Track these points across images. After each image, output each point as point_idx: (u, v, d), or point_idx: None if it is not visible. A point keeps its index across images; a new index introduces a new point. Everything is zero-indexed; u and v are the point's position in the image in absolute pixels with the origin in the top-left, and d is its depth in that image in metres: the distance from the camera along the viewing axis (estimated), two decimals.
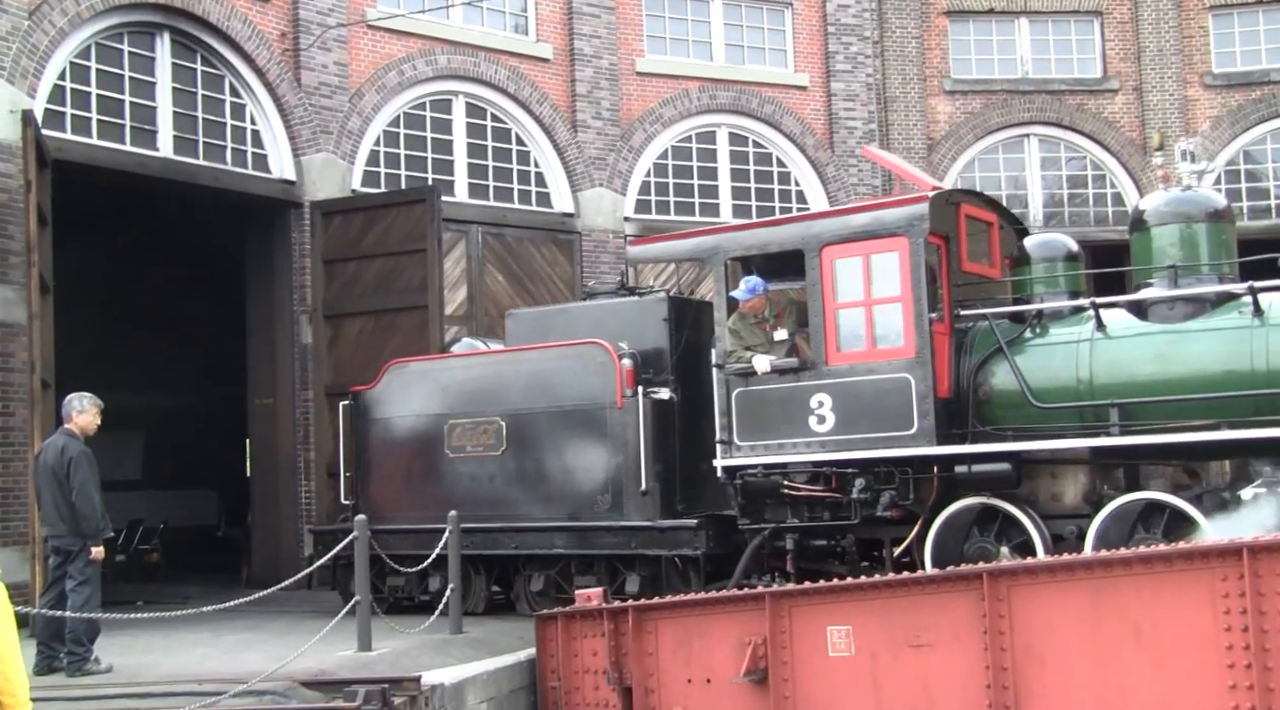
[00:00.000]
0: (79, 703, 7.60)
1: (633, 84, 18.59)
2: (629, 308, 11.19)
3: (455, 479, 11.45)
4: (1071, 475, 9.48)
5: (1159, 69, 20.72)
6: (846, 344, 9.73)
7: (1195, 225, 9.17)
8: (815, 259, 9.80)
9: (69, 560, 8.83)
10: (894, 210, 9.65)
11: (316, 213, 15.13)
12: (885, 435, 9.44)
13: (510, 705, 9.15)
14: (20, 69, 12.45)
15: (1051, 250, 9.92)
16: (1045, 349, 9.41)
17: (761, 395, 9.96)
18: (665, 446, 10.65)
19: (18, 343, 11.90)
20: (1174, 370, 8.88)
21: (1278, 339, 8.59)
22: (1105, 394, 9.00)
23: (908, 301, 9.46)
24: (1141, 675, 6.97)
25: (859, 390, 9.59)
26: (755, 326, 10.22)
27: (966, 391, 9.54)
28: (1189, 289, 9.04)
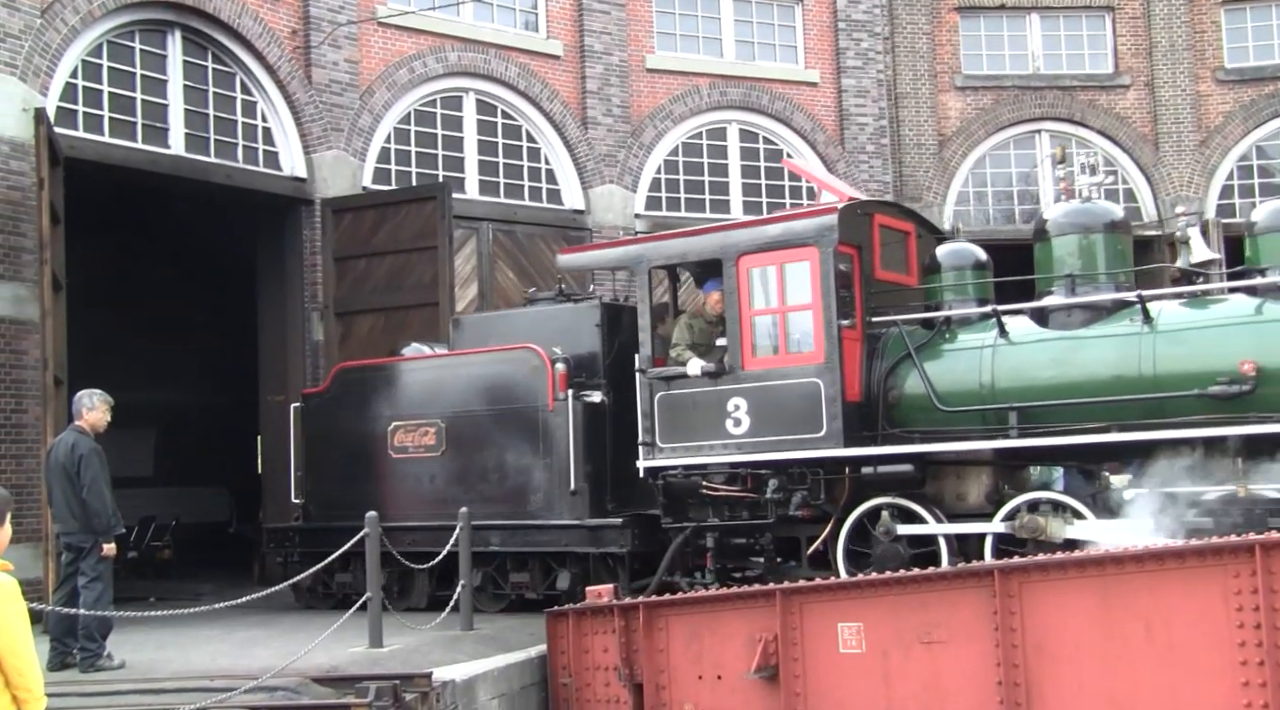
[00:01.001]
0: (92, 699, 7.62)
1: (643, 81, 18.58)
2: (565, 313, 11.50)
3: (398, 479, 11.81)
4: (975, 476, 9.74)
5: (1171, 64, 20.65)
6: (761, 350, 10.09)
7: (1093, 236, 9.48)
8: (732, 268, 10.14)
9: (81, 557, 8.86)
10: (805, 221, 10.02)
11: (327, 210, 15.15)
12: (796, 438, 9.78)
13: (521, 701, 9.17)
14: (33, 67, 12.48)
15: (961, 259, 10.19)
16: (951, 354, 9.71)
17: (682, 399, 10.30)
18: (596, 448, 10.93)
19: (30, 340, 11.94)
20: (1069, 375, 9.17)
21: (1164, 345, 8.86)
22: (1005, 398, 9.30)
23: (818, 309, 9.80)
24: (1153, 672, 6.95)
25: (772, 394, 9.92)
26: (708, 327, 10.51)
27: (877, 395, 9.84)
28: (1084, 297, 9.32)
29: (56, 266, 11.77)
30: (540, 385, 11.03)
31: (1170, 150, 20.55)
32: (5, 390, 11.85)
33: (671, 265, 10.91)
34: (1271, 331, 8.61)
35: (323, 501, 12.41)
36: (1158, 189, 20.51)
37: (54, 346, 11.58)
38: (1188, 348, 8.84)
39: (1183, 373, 8.74)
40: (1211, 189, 20.54)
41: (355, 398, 12.20)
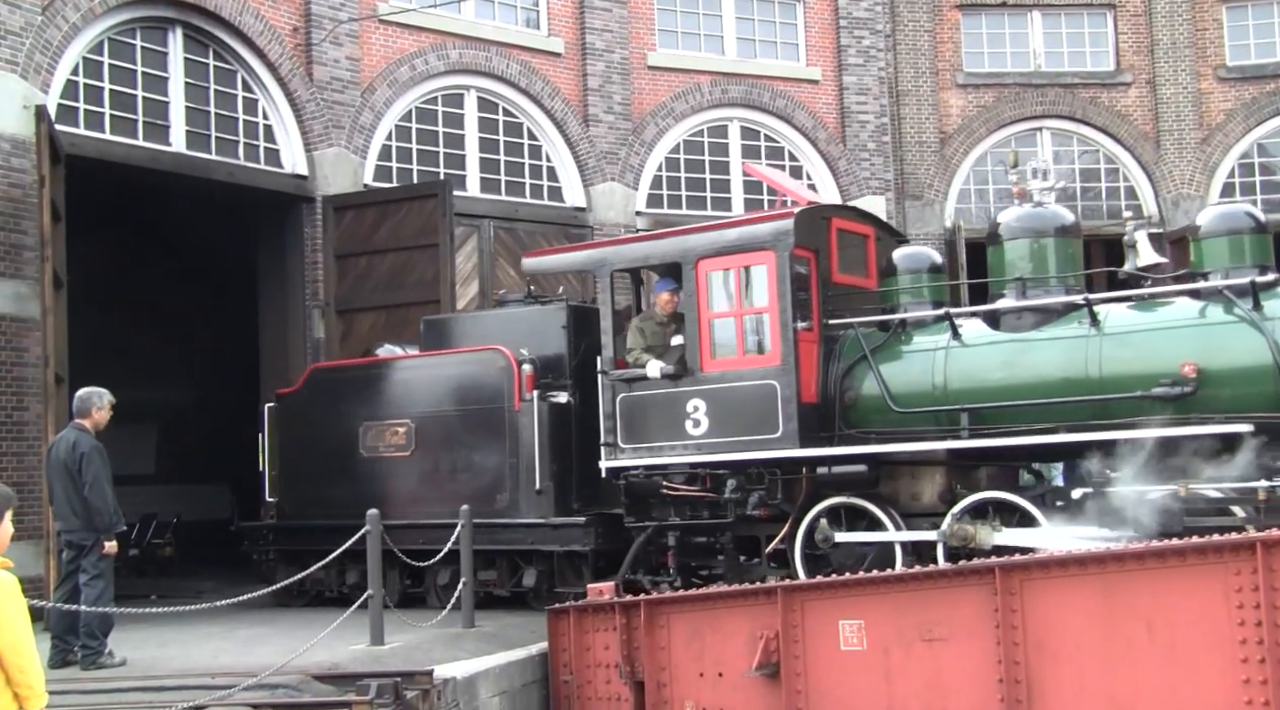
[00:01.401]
0: (93, 696, 7.63)
1: (644, 78, 18.57)
2: (533, 315, 11.64)
3: (369, 478, 11.93)
4: (929, 475, 9.86)
5: (1172, 62, 20.64)
6: (720, 352, 10.23)
7: (1044, 240, 9.67)
8: (692, 271, 10.28)
9: (82, 555, 8.86)
10: (762, 225, 10.14)
11: (329, 207, 15.15)
12: (753, 438, 9.91)
13: (522, 699, 9.17)
14: (34, 64, 12.48)
15: (916, 262, 10.35)
16: (906, 356, 9.87)
17: (643, 400, 10.43)
18: (562, 448, 11.07)
19: (31, 337, 11.94)
20: (1019, 377, 9.33)
21: (1110, 348, 9.02)
22: (958, 399, 9.45)
23: (775, 312, 9.93)
24: (1154, 669, 6.95)
25: (730, 396, 10.06)
26: (659, 328, 10.65)
27: (834, 396, 10.00)
28: (1034, 300, 9.48)
29: (57, 264, 11.77)
30: (507, 386, 11.17)
31: (1171, 148, 20.54)
32: (6, 388, 11.86)
33: (633, 268, 11.07)
34: (1212, 334, 8.79)
35: (296, 500, 12.59)
36: (1159, 187, 20.49)
37: (55, 344, 11.58)
38: (1133, 350, 9.00)
39: (1127, 374, 8.90)
40: (1213, 187, 20.52)
41: (328, 398, 12.34)
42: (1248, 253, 9.00)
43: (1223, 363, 8.66)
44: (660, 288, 10.76)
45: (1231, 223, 9.13)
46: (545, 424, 10.98)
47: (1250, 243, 9.05)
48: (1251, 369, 8.59)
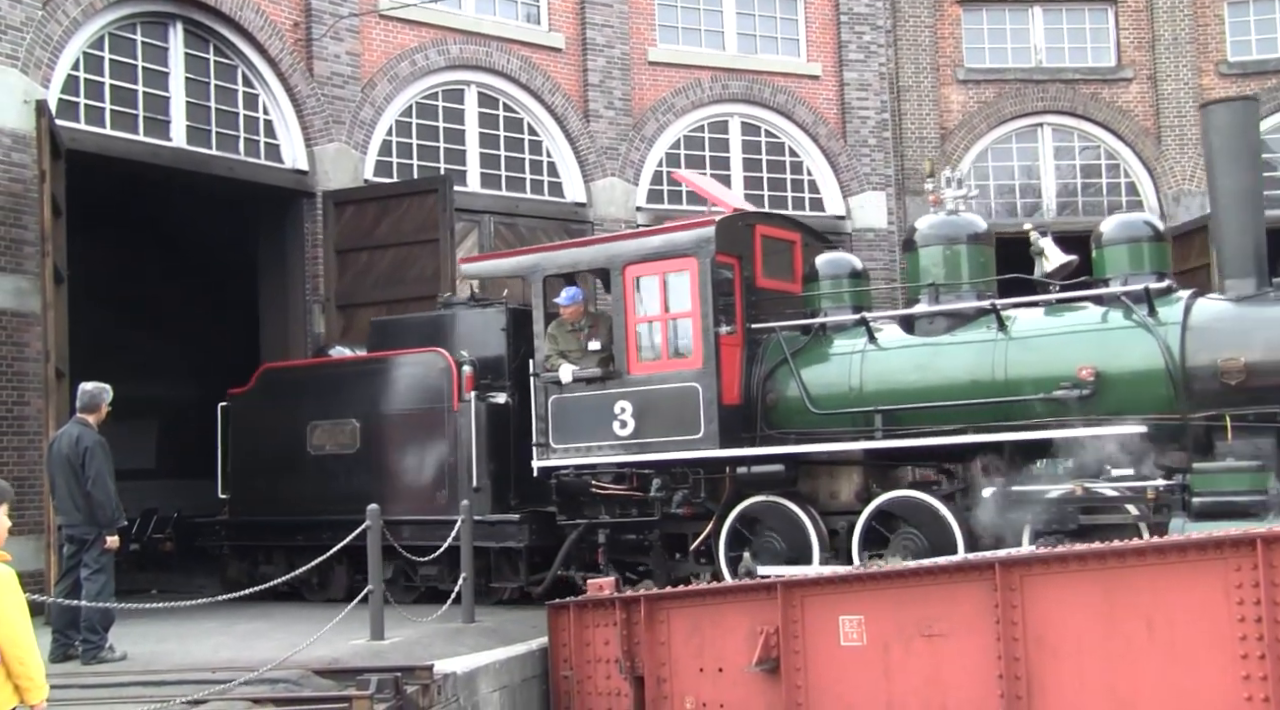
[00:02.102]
0: (94, 690, 7.63)
1: (645, 74, 18.56)
2: (475, 318, 11.89)
3: (316, 475, 12.23)
4: (846, 475, 10.21)
5: (1173, 58, 20.61)
6: (645, 355, 10.58)
7: (957, 246, 10.02)
8: (619, 277, 10.65)
9: (84, 549, 8.87)
10: (685, 233, 10.50)
11: (329, 203, 15.15)
12: (676, 439, 10.25)
13: (522, 694, 9.18)
14: (34, 59, 12.48)
15: (838, 268, 10.71)
16: (825, 359, 10.23)
17: (573, 402, 10.78)
18: (500, 447, 11.33)
19: (32, 332, 11.95)
20: (930, 379, 9.68)
21: (1016, 351, 9.38)
22: (872, 401, 9.82)
23: (697, 316, 10.29)
24: (1154, 665, 6.96)
25: (655, 398, 10.41)
26: (571, 335, 10.97)
27: (756, 398, 10.35)
28: (946, 305, 9.85)
29: (58, 259, 11.77)
30: (447, 387, 11.44)
31: (1173, 144, 20.52)
32: (7, 383, 11.86)
33: (564, 274, 11.28)
34: (1110, 339, 9.12)
35: (247, 496, 12.91)
36: (1160, 183, 20.48)
37: (56, 339, 11.58)
38: (1036, 354, 9.33)
39: (1031, 377, 9.23)
40: None
41: (278, 397, 12.71)
42: (1146, 260, 9.37)
43: (1119, 366, 8.99)
44: (567, 301, 11.02)
45: (1131, 231, 9.51)
46: (483, 424, 11.24)
47: (1149, 250, 9.42)
48: (1146, 372, 8.93)
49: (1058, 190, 20.78)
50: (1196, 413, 8.79)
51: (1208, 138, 9.43)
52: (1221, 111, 9.30)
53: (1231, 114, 9.23)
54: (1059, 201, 20.74)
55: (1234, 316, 8.96)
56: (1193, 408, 8.80)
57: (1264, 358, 8.67)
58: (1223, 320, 8.96)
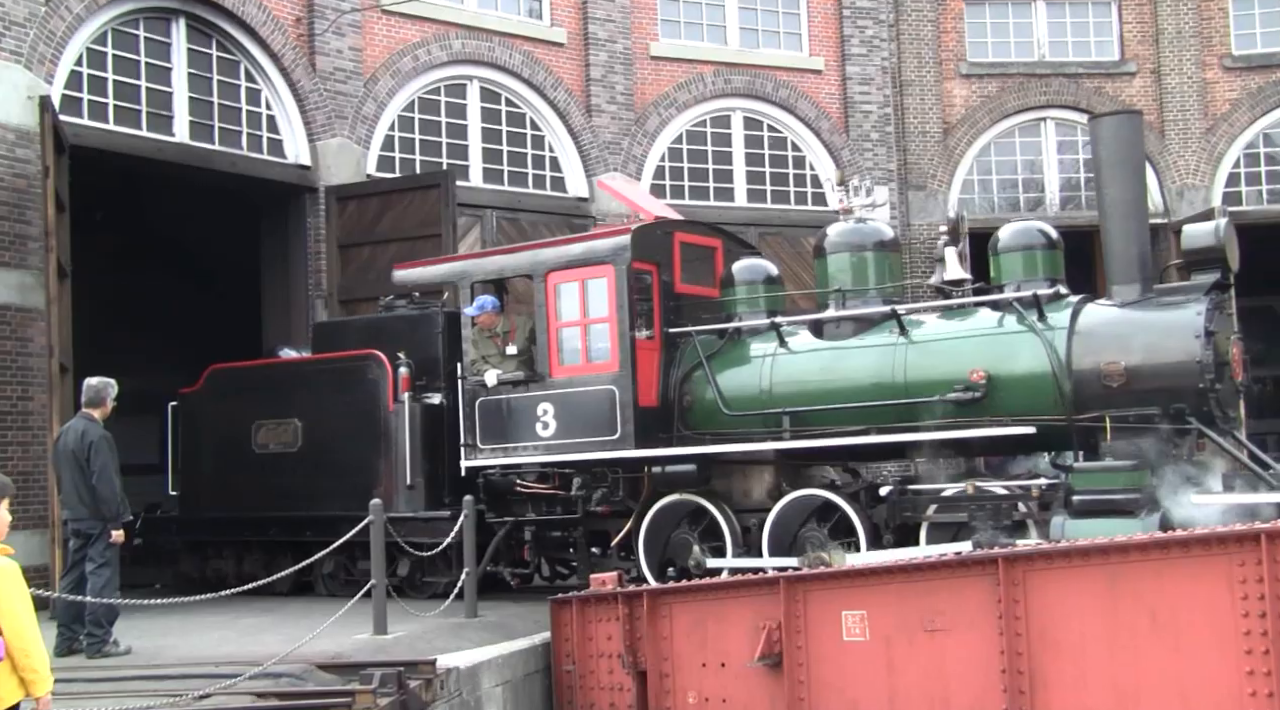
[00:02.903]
0: (98, 684, 7.65)
1: (647, 68, 18.55)
2: (413, 320, 12.15)
3: (261, 473, 12.50)
4: (758, 474, 10.54)
5: (1177, 51, 20.57)
6: (567, 359, 10.93)
7: (864, 253, 10.39)
8: (541, 283, 11.01)
9: (89, 543, 8.90)
10: (603, 241, 10.91)
11: (332, 197, 15.15)
12: (594, 439, 10.63)
13: (525, 689, 9.19)
14: (37, 55, 12.48)
15: (752, 273, 11.01)
16: (738, 363, 10.56)
17: (498, 404, 11.16)
18: (434, 446, 11.59)
19: (36, 327, 11.97)
20: (835, 382, 10.07)
21: (915, 355, 9.75)
22: (781, 403, 10.17)
23: (614, 322, 10.64)
24: (1157, 660, 6.96)
25: (575, 400, 10.79)
26: (489, 340, 11.34)
27: (674, 400, 10.73)
28: (852, 310, 10.25)
29: (62, 254, 11.79)
30: (383, 388, 11.73)
31: (1176, 138, 20.48)
32: (11, 378, 11.89)
33: (490, 280, 11.62)
34: (1002, 343, 9.50)
35: (196, 493, 13.20)
36: (1163, 177, 20.44)
37: (59, 334, 11.60)
38: (933, 358, 9.69)
39: (928, 380, 9.59)
40: (1218, 177, 20.48)
41: (225, 397, 12.97)
42: (1040, 267, 9.72)
43: (1009, 369, 9.36)
44: (475, 310, 11.35)
45: (1025, 239, 9.85)
46: (418, 424, 11.53)
47: (1042, 257, 9.77)
48: (1033, 375, 9.28)
49: (1060, 185, 20.75)
50: (1081, 414, 9.09)
51: (1096, 149, 9.75)
52: (1109, 124, 9.66)
53: (1118, 127, 9.58)
54: (1062, 196, 20.71)
55: (1117, 321, 9.29)
56: (1078, 409, 9.12)
57: (1143, 361, 9.01)
58: (1107, 325, 9.29)
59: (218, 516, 12.81)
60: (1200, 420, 8.88)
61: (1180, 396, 8.88)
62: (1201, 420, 8.88)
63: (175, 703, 6.86)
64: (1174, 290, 9.34)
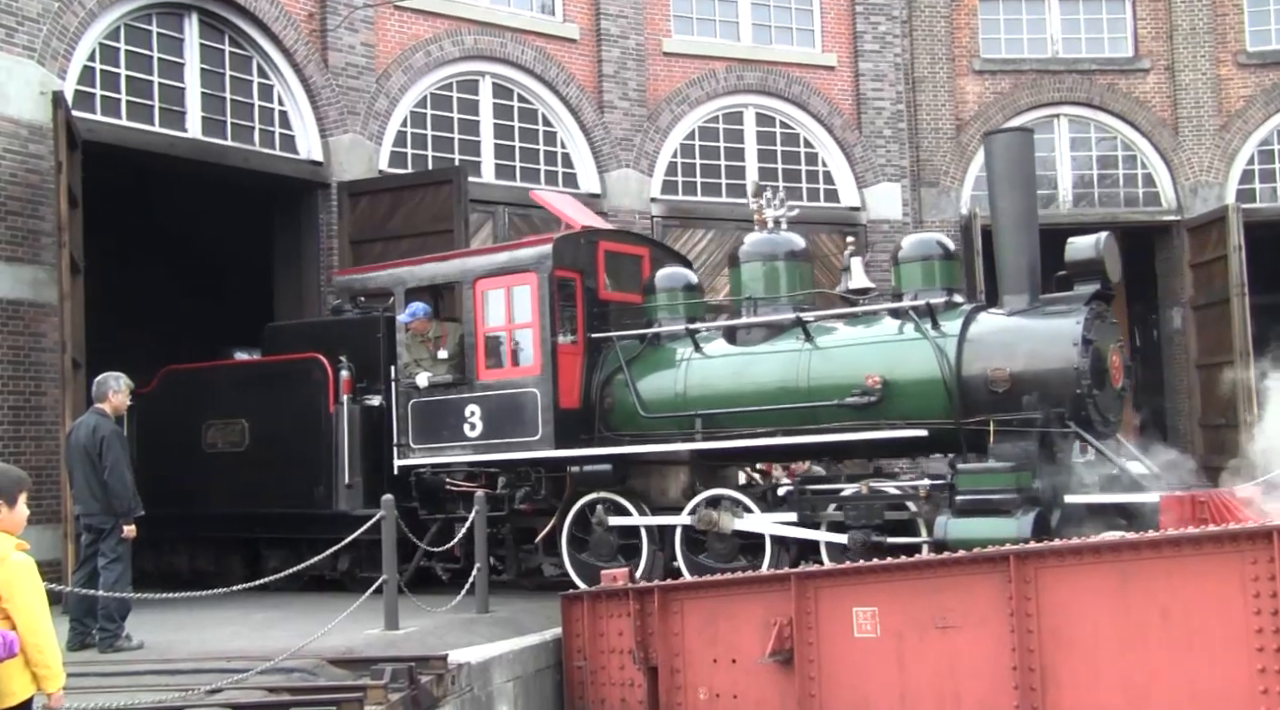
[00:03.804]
0: (110, 678, 7.67)
1: (659, 64, 18.54)
2: (357, 324, 12.49)
3: (211, 472, 12.85)
4: (674, 473, 11.02)
5: (1191, 48, 20.49)
6: (493, 362, 11.40)
7: (776, 262, 10.86)
8: (470, 290, 11.48)
9: (101, 538, 8.92)
10: (527, 250, 11.38)
11: (344, 193, 15.17)
12: (517, 440, 11.08)
13: (536, 684, 9.20)
14: (50, 50, 12.52)
15: (673, 281, 11.39)
16: (656, 367, 11.01)
17: (429, 405, 11.60)
18: (374, 446, 11.95)
19: (49, 323, 12.00)
20: (744, 386, 10.49)
21: (818, 361, 10.22)
22: (695, 405, 10.61)
23: (536, 327, 11.08)
24: (1169, 658, 6.94)
25: (500, 402, 11.23)
26: (420, 345, 11.77)
27: (596, 402, 11.17)
28: (763, 317, 10.70)
29: (74, 250, 11.81)
30: (324, 390, 12.11)
31: (1190, 135, 20.41)
32: (24, 373, 11.92)
33: (423, 287, 12.02)
34: (897, 350, 9.94)
35: (150, 491, 13.38)
36: (1177, 174, 20.38)
37: (72, 329, 11.63)
38: (834, 363, 10.16)
39: (829, 385, 10.05)
40: (1231, 174, 20.40)
41: (177, 397, 13.30)
42: (938, 276, 10.16)
43: (902, 375, 9.80)
44: (407, 318, 11.71)
45: (924, 250, 10.31)
46: (357, 424, 11.89)
47: (940, 267, 10.21)
48: (925, 381, 9.70)
49: (1074, 181, 20.69)
50: (969, 418, 9.49)
51: (989, 164, 10.26)
52: (1002, 140, 10.18)
53: (1011, 143, 10.10)
54: (1075, 193, 20.66)
55: (1004, 329, 9.73)
56: (966, 413, 9.52)
57: (1026, 367, 9.40)
58: (994, 333, 9.72)
59: (171, 514, 12.92)
60: (1079, 424, 9.27)
61: (1060, 401, 9.27)
62: (1080, 424, 9.28)
63: (187, 697, 6.88)
64: (1057, 300, 9.75)
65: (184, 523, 12.94)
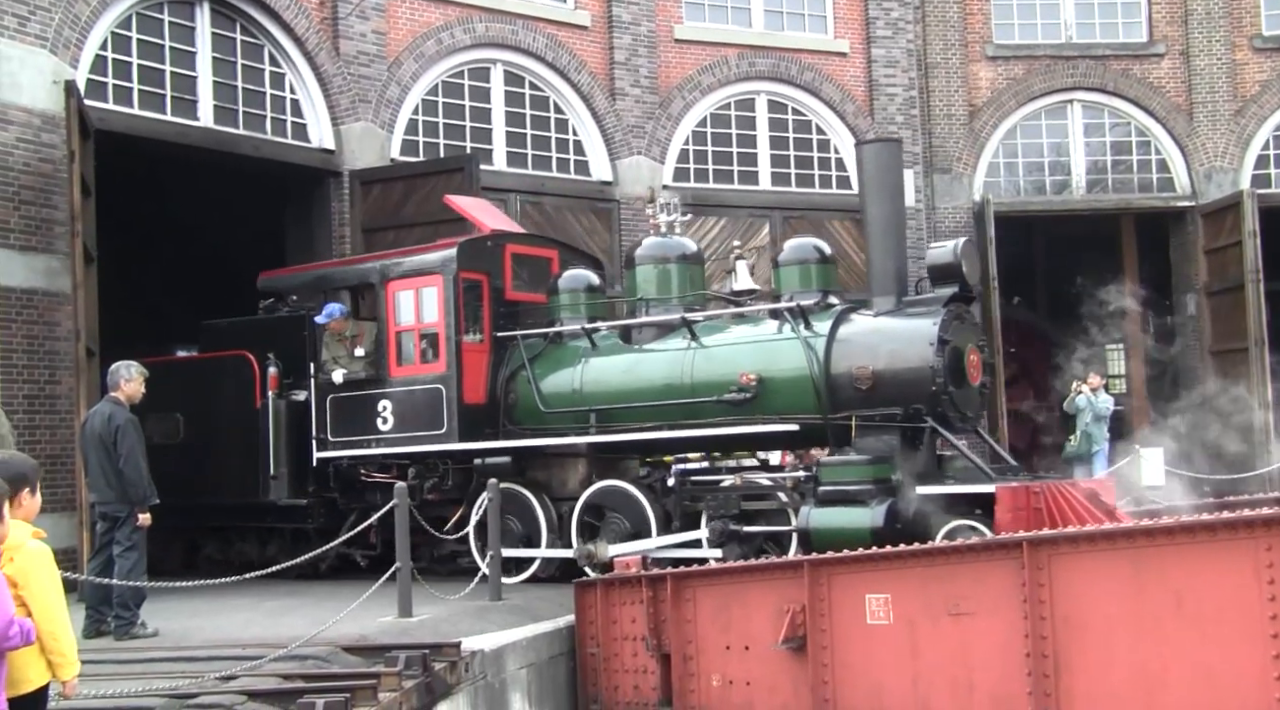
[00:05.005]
0: (126, 665, 7.71)
1: (671, 51, 18.48)
2: (285, 323, 12.95)
3: (150, 464, 12.95)
4: (572, 466, 11.52)
5: (1206, 32, 20.34)
6: (404, 360, 11.95)
7: (668, 265, 11.43)
8: (382, 291, 12.04)
9: (117, 526, 8.96)
10: (434, 253, 11.91)
11: (356, 182, 15.18)
12: (425, 434, 11.66)
13: (549, 671, 9.22)
14: (63, 39, 12.53)
15: (575, 282, 11.94)
16: (556, 364, 11.59)
17: (345, 401, 12.16)
18: (300, 439, 12.46)
19: (63, 312, 12.04)
20: (635, 383, 11.06)
21: (701, 359, 10.77)
22: (590, 401, 11.20)
23: (442, 327, 11.63)
24: (1183, 645, 6.92)
25: (409, 398, 11.82)
26: (338, 343, 12.23)
27: (500, 398, 11.74)
28: (654, 317, 11.26)
29: (88, 239, 11.85)
30: (253, 385, 12.60)
31: (1205, 120, 20.28)
32: (39, 361, 11.97)
33: (344, 287, 12.59)
34: (772, 349, 10.49)
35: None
36: (1191, 160, 20.26)
37: (86, 318, 11.67)
38: (716, 362, 10.69)
39: (710, 382, 10.60)
40: (1246, 159, 20.27)
41: None
42: (814, 279, 10.76)
43: (777, 373, 10.36)
44: (324, 318, 12.15)
45: (801, 254, 10.94)
46: (282, 419, 12.45)
47: (816, 271, 10.81)
48: (796, 378, 10.27)
49: (1087, 168, 20.59)
50: (836, 414, 10.07)
51: (860, 172, 10.87)
52: (871, 150, 10.82)
53: (879, 152, 10.71)
54: (1089, 179, 20.56)
55: (870, 330, 10.28)
56: (834, 409, 10.10)
57: (888, 366, 9.96)
58: (861, 333, 10.27)
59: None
60: (935, 420, 9.82)
61: (917, 398, 9.83)
62: (936, 420, 9.82)
63: (202, 684, 6.91)
64: (919, 302, 10.23)
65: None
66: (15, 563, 4.57)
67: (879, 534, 9.15)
